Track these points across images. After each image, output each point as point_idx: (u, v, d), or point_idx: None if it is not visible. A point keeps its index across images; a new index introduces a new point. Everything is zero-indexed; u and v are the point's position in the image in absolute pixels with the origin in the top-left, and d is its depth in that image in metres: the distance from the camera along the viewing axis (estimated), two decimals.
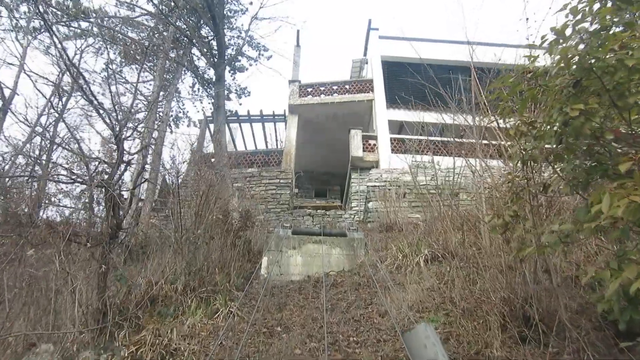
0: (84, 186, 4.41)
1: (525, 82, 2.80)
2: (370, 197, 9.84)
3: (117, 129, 4.12)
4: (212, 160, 9.60)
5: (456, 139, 7.49)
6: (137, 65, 13.77)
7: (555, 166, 2.88)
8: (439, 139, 10.74)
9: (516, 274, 3.84)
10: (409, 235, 7.56)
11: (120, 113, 4.42)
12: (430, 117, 8.09)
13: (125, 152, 4.24)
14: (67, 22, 9.20)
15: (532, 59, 2.87)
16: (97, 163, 3.97)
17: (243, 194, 11.17)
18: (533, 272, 3.73)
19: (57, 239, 3.99)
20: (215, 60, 10.42)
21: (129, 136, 4.30)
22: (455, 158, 7.69)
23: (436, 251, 5.70)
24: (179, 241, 5.41)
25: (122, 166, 4.28)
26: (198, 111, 16.54)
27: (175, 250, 5.51)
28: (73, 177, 4.04)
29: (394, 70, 16.04)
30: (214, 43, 10.92)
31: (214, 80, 11.58)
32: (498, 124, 4.80)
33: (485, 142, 6.01)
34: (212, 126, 14.52)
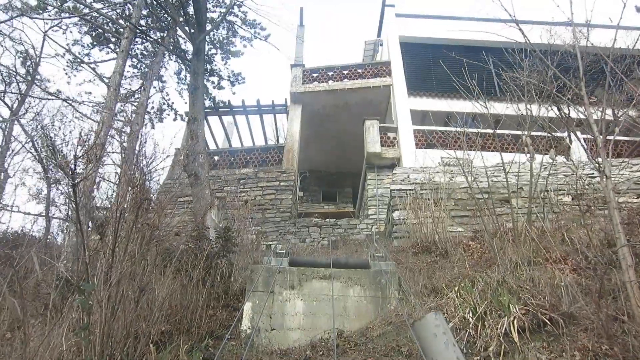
0: None
1: None
2: (396, 204, 7.39)
3: None
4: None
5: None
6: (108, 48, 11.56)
7: None
8: (506, 132, 8.22)
9: None
10: (462, 263, 5.13)
11: None
12: (499, 107, 5.69)
13: None
14: None
15: None
16: None
17: (231, 203, 8.81)
18: None
19: None
20: (193, 31, 8.07)
21: None
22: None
23: (536, 309, 3.24)
24: (88, 296, 3.06)
25: None
26: (186, 102, 14.29)
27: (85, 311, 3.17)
28: None
29: (414, 52, 13.55)
30: (191, 11, 8.58)
31: (190, 56, 9.24)
32: None
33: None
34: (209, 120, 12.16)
